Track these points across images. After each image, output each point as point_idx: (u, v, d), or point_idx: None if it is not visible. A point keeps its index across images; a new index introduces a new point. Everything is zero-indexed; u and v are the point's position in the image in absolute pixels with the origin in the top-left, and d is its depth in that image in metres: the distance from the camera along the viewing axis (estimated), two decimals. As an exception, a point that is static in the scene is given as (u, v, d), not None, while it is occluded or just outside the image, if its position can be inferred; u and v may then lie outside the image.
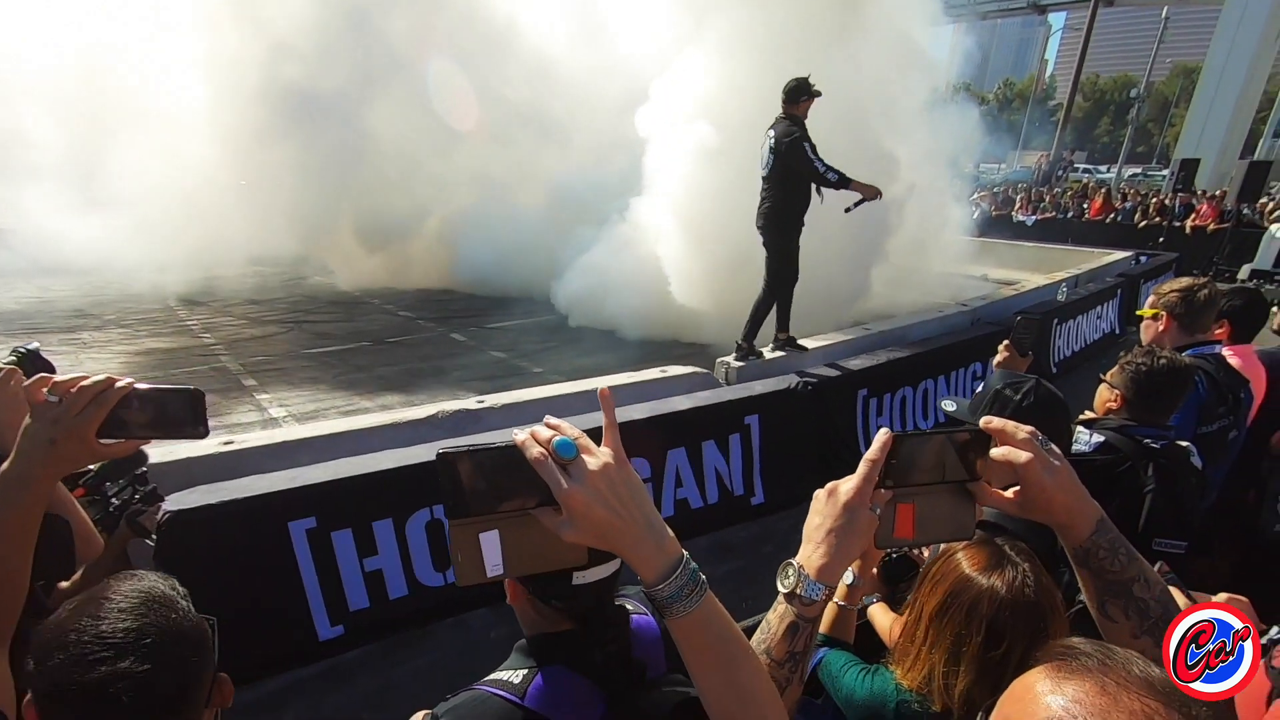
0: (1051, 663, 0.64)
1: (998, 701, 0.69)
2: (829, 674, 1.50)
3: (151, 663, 0.86)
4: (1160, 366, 2.01)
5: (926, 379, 5.87)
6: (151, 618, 0.89)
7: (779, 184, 5.39)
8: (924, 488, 0.91)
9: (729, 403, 4.58)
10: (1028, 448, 0.88)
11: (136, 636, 0.87)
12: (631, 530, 0.73)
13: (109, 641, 0.85)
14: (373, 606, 3.36)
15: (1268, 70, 26.31)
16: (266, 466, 3.41)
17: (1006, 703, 0.67)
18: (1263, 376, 2.79)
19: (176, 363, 7.34)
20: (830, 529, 0.88)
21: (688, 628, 0.75)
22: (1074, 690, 0.59)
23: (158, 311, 9.88)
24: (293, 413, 6.03)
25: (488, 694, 1.00)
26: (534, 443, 0.72)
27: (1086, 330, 8.49)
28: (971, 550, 1.32)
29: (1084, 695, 0.58)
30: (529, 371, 7.38)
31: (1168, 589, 0.89)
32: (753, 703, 0.77)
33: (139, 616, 0.88)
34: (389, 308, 10.43)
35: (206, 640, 0.97)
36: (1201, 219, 15.91)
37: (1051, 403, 1.78)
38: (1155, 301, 2.56)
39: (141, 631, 0.87)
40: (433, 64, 11.43)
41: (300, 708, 3.00)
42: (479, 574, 0.75)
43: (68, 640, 0.85)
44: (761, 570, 4.01)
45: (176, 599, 0.96)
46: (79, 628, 0.86)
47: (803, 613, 0.88)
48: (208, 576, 2.99)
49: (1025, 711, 0.62)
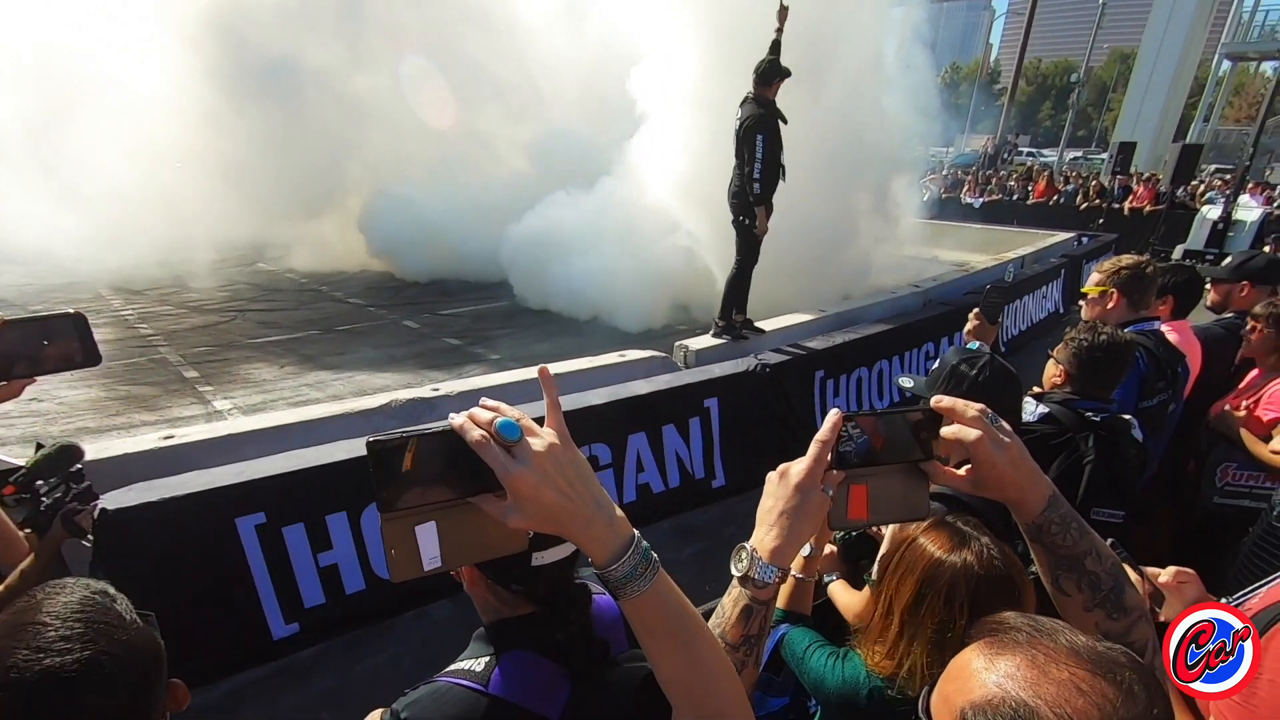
0: (985, 640, 0.67)
1: (937, 681, 0.70)
2: (793, 653, 1.49)
3: (112, 693, 0.80)
4: (1101, 342, 2.09)
5: (881, 360, 5.98)
6: (102, 643, 0.81)
7: (743, 165, 5.40)
8: (877, 468, 0.91)
9: (688, 386, 4.59)
10: (977, 425, 0.88)
11: (88, 668, 0.79)
12: (581, 512, 0.71)
13: (63, 677, 0.77)
14: (329, 602, 3.26)
15: (1198, 56, 27.45)
16: (211, 461, 3.28)
17: (945, 682, 0.68)
18: (1198, 351, 2.91)
19: (110, 356, 6.99)
20: (782, 511, 0.88)
21: (642, 608, 0.73)
22: (1006, 665, 0.62)
23: (88, 301, 9.39)
24: (238, 405, 5.81)
25: (449, 684, 0.97)
26: (473, 426, 0.69)
27: (1033, 310, 8.78)
28: (931, 533, 1.32)
29: (1015, 669, 0.61)
30: (485, 358, 7.26)
31: (1119, 562, 0.90)
32: (710, 679, 0.76)
33: (87, 643, 0.80)
34: (337, 295, 10.12)
35: (159, 650, 0.90)
36: (1138, 200, 16.59)
37: (1005, 377, 1.81)
38: (1103, 280, 2.63)
39: (93, 663, 0.79)
40: (405, 57, 11.15)
41: (255, 709, 2.91)
42: (415, 569, 0.71)
43: (9, 679, 0.76)
44: (724, 553, 3.98)
45: (120, 612, 0.87)
46: (20, 665, 0.76)
47: (756, 595, 0.88)
48: (151, 578, 2.87)
49: (962, 689, 0.64)
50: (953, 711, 0.63)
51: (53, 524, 1.84)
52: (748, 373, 4.88)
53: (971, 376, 1.80)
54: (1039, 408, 2.09)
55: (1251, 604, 1.11)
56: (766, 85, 5.30)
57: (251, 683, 3.02)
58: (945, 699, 0.66)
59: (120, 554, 2.80)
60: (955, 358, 1.86)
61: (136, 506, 2.84)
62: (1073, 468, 1.99)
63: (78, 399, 5.78)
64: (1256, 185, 17.05)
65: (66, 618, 0.81)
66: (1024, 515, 0.90)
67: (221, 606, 3.03)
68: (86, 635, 0.80)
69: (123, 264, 11.30)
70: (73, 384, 6.09)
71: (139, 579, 2.84)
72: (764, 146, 5.24)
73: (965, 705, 0.62)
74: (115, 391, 6.00)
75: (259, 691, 2.99)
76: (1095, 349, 2.10)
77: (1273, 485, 2.28)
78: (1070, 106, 32.92)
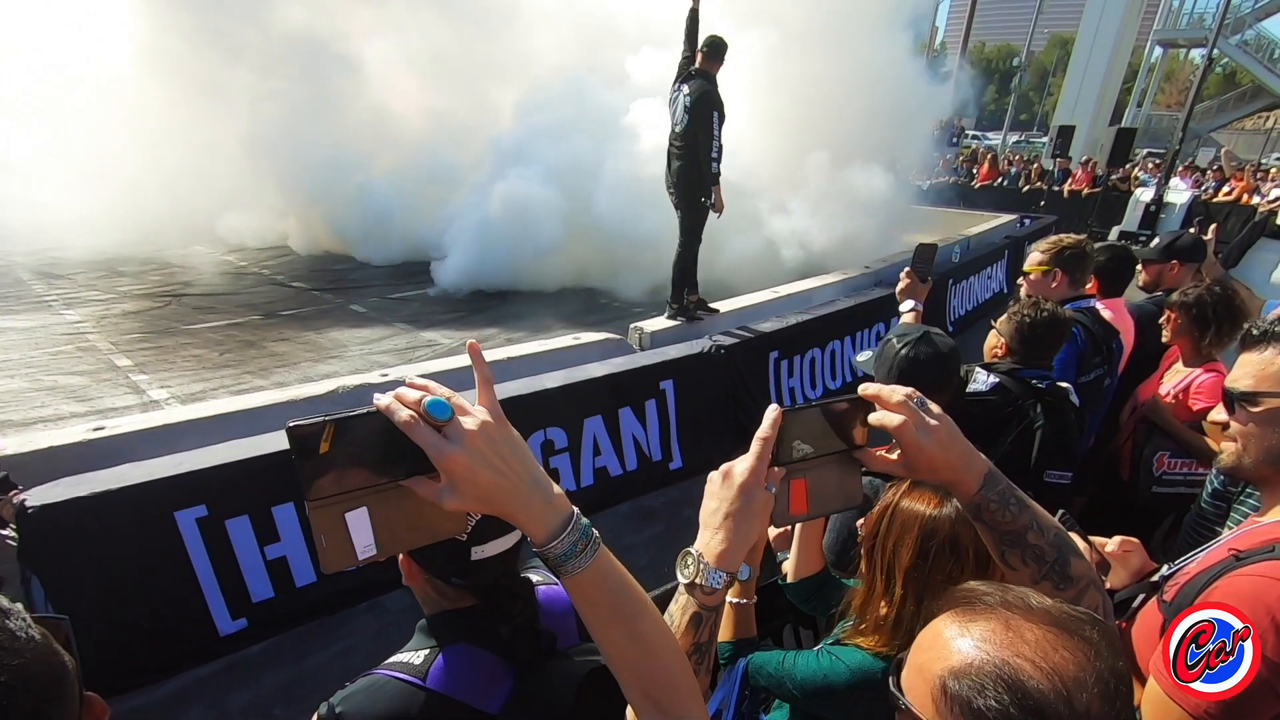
0: (953, 609, 0.67)
1: (907, 654, 0.71)
2: (770, 673, 1.41)
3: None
4: (1043, 317, 2.20)
5: (834, 340, 6.08)
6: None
7: (693, 142, 5.31)
8: (813, 460, 0.91)
9: (644, 368, 4.58)
10: (902, 410, 0.88)
11: None
12: (518, 490, 0.69)
13: None
14: (278, 596, 3.18)
15: (1132, 43, 28.43)
16: (147, 453, 3.13)
17: (917, 653, 0.68)
18: (1131, 328, 3.04)
19: (36, 343, 6.61)
20: (728, 513, 0.86)
21: (583, 585, 0.73)
22: (980, 629, 0.63)
23: (7, 285, 8.83)
24: (175, 394, 5.55)
25: (386, 678, 0.95)
26: (401, 406, 0.66)
27: (979, 289, 9.04)
28: (913, 494, 1.31)
29: (990, 633, 0.62)
30: (436, 343, 7.11)
31: (1063, 531, 0.92)
32: (656, 654, 0.76)
33: None
34: (279, 278, 9.74)
35: (63, 671, 0.75)
36: (1077, 183, 17.20)
37: (936, 355, 1.85)
38: (1044, 259, 2.70)
39: None
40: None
41: (203, 708, 2.82)
42: (348, 558, 0.68)
43: None
44: (683, 534, 4.02)
45: (11, 631, 0.71)
46: None
47: (705, 602, 0.86)
48: (83, 576, 2.74)
49: (938, 657, 0.64)
50: (928, 680, 0.64)
51: None
52: (703, 354, 4.90)
53: (902, 354, 1.84)
54: (990, 377, 2.17)
55: (1189, 569, 1.17)
56: (716, 60, 5.24)
57: (198, 681, 2.92)
58: (919, 669, 0.66)
59: (48, 552, 2.67)
60: (894, 335, 1.90)
61: (64, 502, 2.71)
62: (1024, 433, 2.09)
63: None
64: (1185, 168, 17.85)
65: None
66: (961, 495, 0.91)
67: (163, 604, 2.91)
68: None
69: (45, 245, 10.68)
70: (-8, 375, 5.74)
71: (70, 578, 2.72)
72: (718, 123, 5.20)
73: (943, 671, 0.62)
74: (40, 382, 5.67)
75: (207, 690, 2.90)
76: (1039, 324, 2.20)
77: (1205, 472, 2.39)
78: (1013, 90, 33.81)
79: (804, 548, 1.69)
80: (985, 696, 0.58)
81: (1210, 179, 16.50)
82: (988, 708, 0.58)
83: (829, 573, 1.71)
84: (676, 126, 5.39)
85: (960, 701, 0.60)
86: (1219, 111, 28.29)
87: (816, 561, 1.70)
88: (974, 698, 0.59)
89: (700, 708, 0.79)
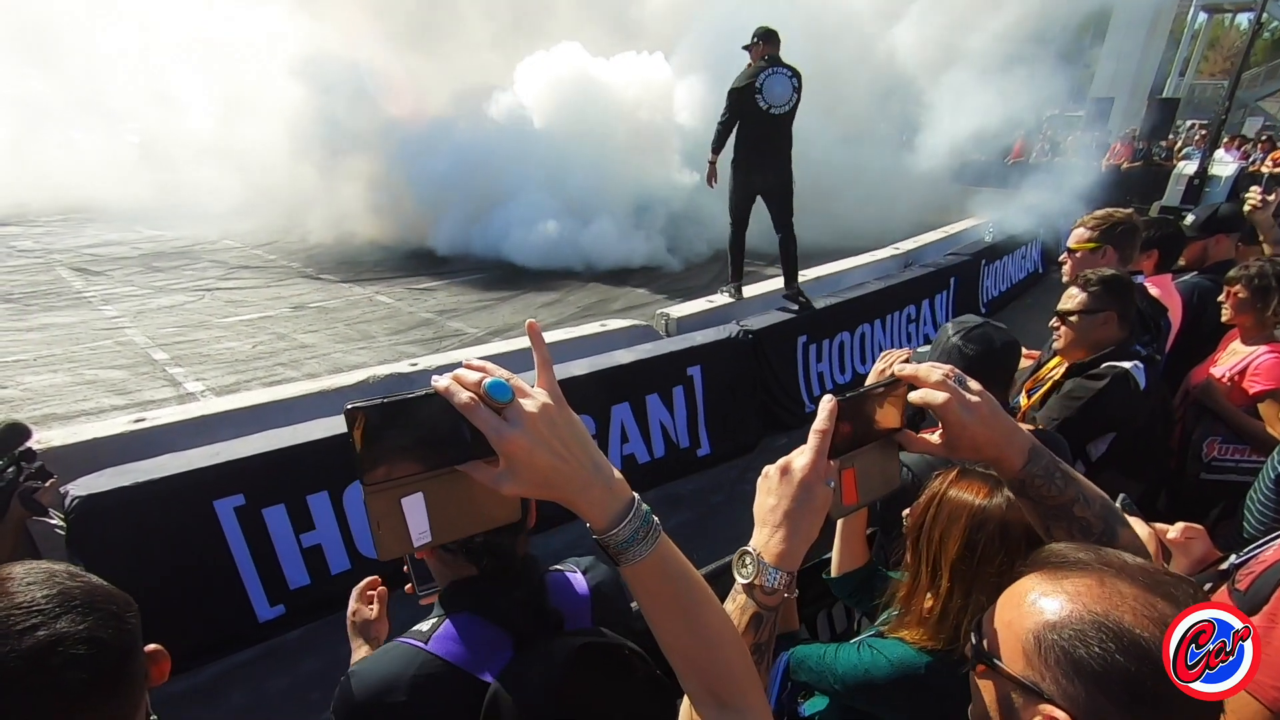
0: (1042, 569, 0.67)
1: (994, 610, 0.69)
2: (812, 668, 1.39)
3: (90, 619, 0.76)
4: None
5: (864, 324, 5.97)
6: (68, 583, 0.78)
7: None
8: (861, 449, 0.89)
9: (670, 354, 4.55)
10: (943, 388, 0.86)
11: (62, 599, 0.75)
12: (578, 475, 0.67)
13: (35, 609, 0.73)
14: (314, 583, 3.23)
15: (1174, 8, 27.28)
16: (185, 444, 3.20)
17: (1004, 609, 0.68)
18: (1179, 305, 2.91)
19: (76, 339, 6.79)
20: (787, 510, 0.83)
21: (644, 574, 0.70)
22: (1073, 585, 0.63)
23: (47, 282, 9.08)
24: (210, 386, 5.68)
25: (396, 643, 1.04)
26: (460, 387, 0.63)
27: (1012, 270, 8.80)
28: (960, 483, 1.26)
29: (1084, 588, 0.62)
30: (463, 332, 7.16)
31: (1109, 501, 0.89)
32: (716, 645, 0.73)
33: (54, 585, 0.77)
34: (308, 271, 9.88)
35: (131, 601, 0.86)
36: (1116, 158, 16.63)
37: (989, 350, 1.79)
38: (1092, 235, 2.59)
39: (66, 594, 0.76)
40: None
41: (243, 692, 2.89)
42: (404, 544, 0.66)
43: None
44: (711, 521, 4.06)
45: (79, 571, 0.84)
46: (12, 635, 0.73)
47: (765, 603, 0.83)
48: (129, 563, 2.82)
49: (1029, 613, 0.64)
50: (1019, 635, 0.63)
51: (10, 504, 1.84)
52: (730, 339, 4.85)
53: (955, 344, 1.78)
54: None
55: (1266, 556, 1.12)
56: (774, 45, 5.16)
57: (238, 666, 2.99)
58: (1006, 625, 0.65)
59: (95, 540, 2.74)
60: (952, 328, 1.84)
61: (110, 491, 2.78)
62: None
63: (42, 385, 5.62)
64: (1232, 139, 17.15)
65: (27, 572, 0.78)
66: (1005, 472, 0.88)
67: (204, 590, 2.98)
68: (49, 581, 0.77)
69: (81, 244, 10.98)
70: (36, 370, 5.91)
71: (116, 565, 2.78)
72: (729, 107, 5.18)
73: (1036, 626, 0.62)
74: (81, 376, 5.83)
75: (247, 674, 2.96)
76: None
77: (1259, 459, 2.28)
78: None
79: (847, 541, 1.66)
80: (1087, 644, 0.58)
81: (1258, 150, 15.83)
82: (1091, 655, 0.58)
83: (874, 566, 1.67)
84: (785, 108, 5.24)
85: (1059, 653, 0.59)
86: (1267, 79, 27.05)
87: (861, 555, 1.66)
88: (1074, 648, 0.59)
89: (761, 700, 0.77)
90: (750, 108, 5.09)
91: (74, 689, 0.74)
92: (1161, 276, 2.94)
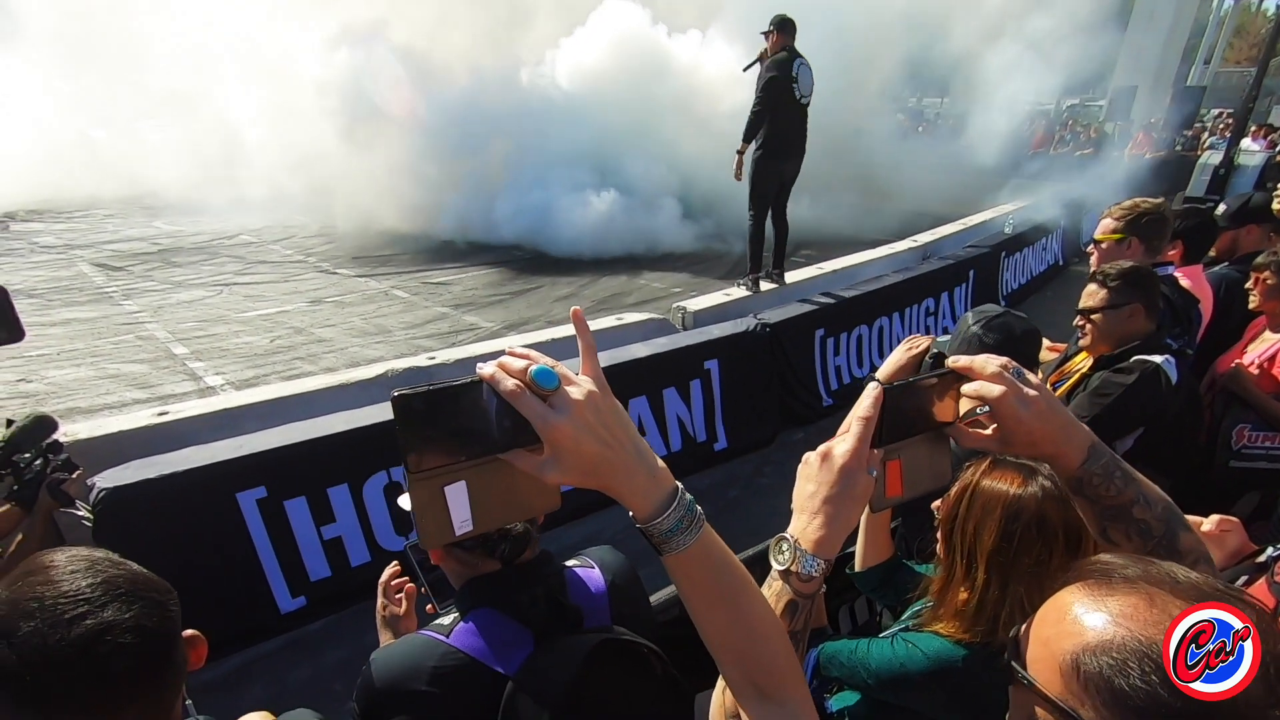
0: (1085, 581, 0.61)
1: (1032, 622, 0.65)
2: (843, 663, 1.37)
3: (135, 607, 0.78)
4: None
5: (881, 316, 5.91)
6: (111, 571, 0.80)
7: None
8: (907, 440, 0.87)
9: (687, 348, 4.53)
10: (999, 381, 0.82)
11: (107, 587, 0.77)
12: (623, 463, 0.66)
13: (82, 597, 0.75)
14: (335, 575, 3.25)
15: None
16: (208, 437, 3.23)
17: (1042, 626, 0.62)
18: (1210, 297, 2.85)
19: (98, 333, 6.87)
20: (826, 497, 0.81)
21: (686, 563, 0.70)
22: (1118, 604, 0.57)
23: (69, 278, 9.20)
24: (230, 380, 5.73)
25: (418, 635, 1.07)
26: (505, 375, 0.63)
27: (1033, 262, 8.68)
28: (994, 473, 1.24)
29: (1130, 608, 0.56)
30: (478, 325, 7.17)
31: (1171, 504, 0.85)
32: (759, 636, 0.73)
33: (98, 573, 0.78)
34: (324, 266, 9.94)
35: (171, 589, 0.89)
36: (1138, 148, 16.35)
37: (1010, 337, 1.76)
38: (1119, 226, 2.53)
39: (110, 582, 0.78)
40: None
41: (266, 683, 2.91)
42: (447, 533, 0.66)
43: (31, 608, 0.73)
44: (728, 516, 4.04)
45: (119, 558, 0.86)
46: (37, 595, 0.75)
47: (801, 590, 0.82)
48: (154, 555, 2.81)
49: (1068, 632, 0.58)
50: (1056, 656, 0.58)
51: (39, 495, 1.86)
52: (747, 332, 4.82)
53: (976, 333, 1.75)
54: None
55: None
56: (790, 36, 5.23)
57: (261, 657, 3.02)
58: (1044, 644, 0.61)
59: (121, 532, 2.76)
60: (972, 318, 1.81)
61: (136, 484, 2.81)
62: None
63: (66, 379, 5.69)
64: (1259, 128, 16.77)
65: (69, 560, 0.80)
66: (1063, 469, 0.85)
67: (227, 581, 3.01)
68: (93, 570, 0.79)
69: (101, 239, 11.11)
70: (60, 364, 6.00)
71: (141, 556, 2.76)
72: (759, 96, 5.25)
73: (1076, 648, 0.57)
74: (104, 370, 5.91)
75: (269, 665, 2.99)
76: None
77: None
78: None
79: (871, 535, 1.63)
80: (1129, 675, 0.53)
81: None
82: (1133, 688, 0.52)
83: (899, 559, 1.64)
84: (810, 98, 5.34)
85: (1099, 681, 0.54)
86: (1294, 67, 26.45)
87: (885, 549, 1.64)
88: (1115, 677, 0.53)
89: (803, 692, 0.75)
90: (787, 98, 5.19)
91: (121, 676, 0.75)
92: (1193, 267, 2.89)
